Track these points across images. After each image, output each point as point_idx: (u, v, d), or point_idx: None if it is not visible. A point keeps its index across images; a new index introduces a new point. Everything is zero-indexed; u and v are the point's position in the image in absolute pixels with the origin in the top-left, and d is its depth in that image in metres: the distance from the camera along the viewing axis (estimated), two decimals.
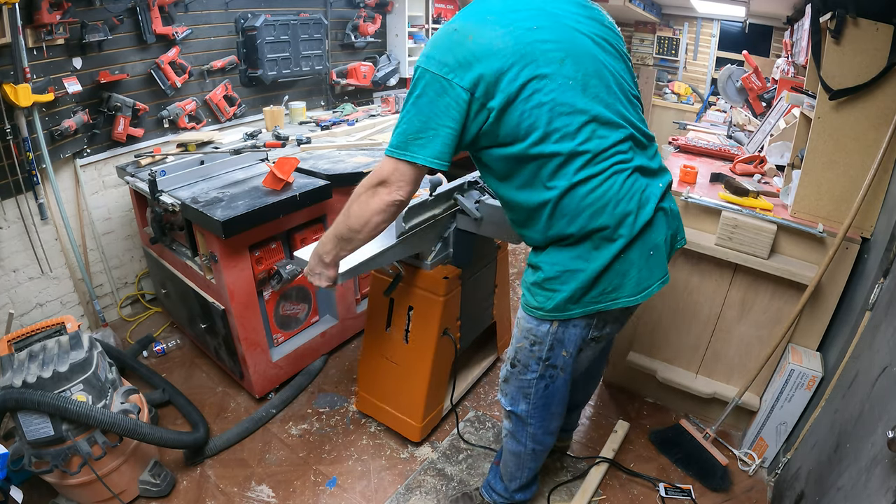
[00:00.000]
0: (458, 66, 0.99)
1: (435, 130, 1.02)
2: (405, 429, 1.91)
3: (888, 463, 0.97)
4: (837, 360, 1.55)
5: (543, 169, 1.06)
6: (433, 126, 1.02)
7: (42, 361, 1.43)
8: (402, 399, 1.88)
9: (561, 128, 1.02)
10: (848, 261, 1.65)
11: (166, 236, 2.20)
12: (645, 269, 1.12)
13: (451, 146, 1.04)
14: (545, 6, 1.07)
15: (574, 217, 1.07)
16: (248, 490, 1.76)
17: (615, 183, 1.06)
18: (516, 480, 1.53)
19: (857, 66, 1.51)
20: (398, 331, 1.78)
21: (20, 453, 1.44)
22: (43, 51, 2.05)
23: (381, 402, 1.95)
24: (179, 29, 2.55)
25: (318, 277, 1.30)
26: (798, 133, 1.91)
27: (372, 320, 1.86)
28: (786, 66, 3.01)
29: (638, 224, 1.08)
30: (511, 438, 1.44)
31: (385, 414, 1.95)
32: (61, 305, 2.41)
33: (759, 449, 1.86)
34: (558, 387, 1.31)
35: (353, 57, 3.70)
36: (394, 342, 1.81)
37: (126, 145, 2.52)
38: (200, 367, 2.37)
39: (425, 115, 1.02)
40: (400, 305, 1.76)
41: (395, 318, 1.78)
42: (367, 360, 1.92)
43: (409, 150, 1.04)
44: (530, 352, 1.25)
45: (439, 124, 1.02)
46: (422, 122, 1.03)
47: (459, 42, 1.00)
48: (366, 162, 2.29)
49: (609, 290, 1.12)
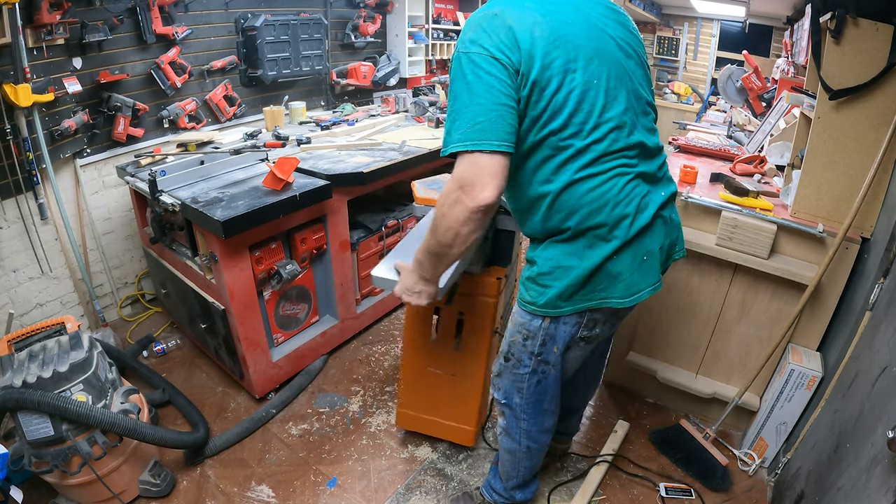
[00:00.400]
0: (504, 46, 0.99)
1: (497, 111, 0.97)
2: (458, 436, 1.86)
3: (888, 463, 0.97)
4: (837, 360, 1.55)
5: (551, 160, 1.06)
6: (493, 107, 0.97)
7: (42, 361, 1.43)
8: (454, 407, 1.82)
9: (578, 122, 1.03)
10: (848, 261, 1.65)
11: (166, 236, 2.20)
12: (637, 274, 1.13)
13: (515, 126, 1.00)
14: (578, 3, 1.08)
15: (571, 213, 1.08)
16: (248, 490, 1.76)
17: (616, 185, 1.07)
18: (513, 479, 1.53)
19: (857, 66, 1.51)
20: (447, 340, 1.72)
21: (20, 453, 1.44)
22: (43, 51, 2.05)
23: (428, 415, 1.86)
24: (179, 29, 2.55)
25: (418, 296, 1.23)
26: (798, 133, 1.91)
27: (414, 336, 1.76)
28: (786, 66, 3.01)
29: (634, 228, 1.09)
30: (506, 436, 1.45)
31: (433, 426, 1.88)
32: (61, 305, 2.41)
33: (759, 449, 1.86)
34: (550, 383, 1.31)
35: (353, 57, 3.70)
36: (442, 352, 1.73)
37: (126, 145, 2.52)
38: (200, 367, 2.37)
39: (482, 97, 0.97)
40: (448, 314, 1.68)
41: (442, 327, 1.71)
42: (411, 376, 1.82)
43: (481, 139, 0.96)
44: (523, 346, 1.25)
45: (498, 103, 0.98)
46: (480, 105, 0.97)
47: (502, 25, 1.00)
48: (366, 162, 2.29)
49: (599, 290, 1.13)
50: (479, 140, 0.96)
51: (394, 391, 2.23)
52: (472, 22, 1.04)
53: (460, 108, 0.99)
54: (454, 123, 1.00)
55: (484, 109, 0.97)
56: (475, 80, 0.98)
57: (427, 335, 1.74)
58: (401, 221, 2.66)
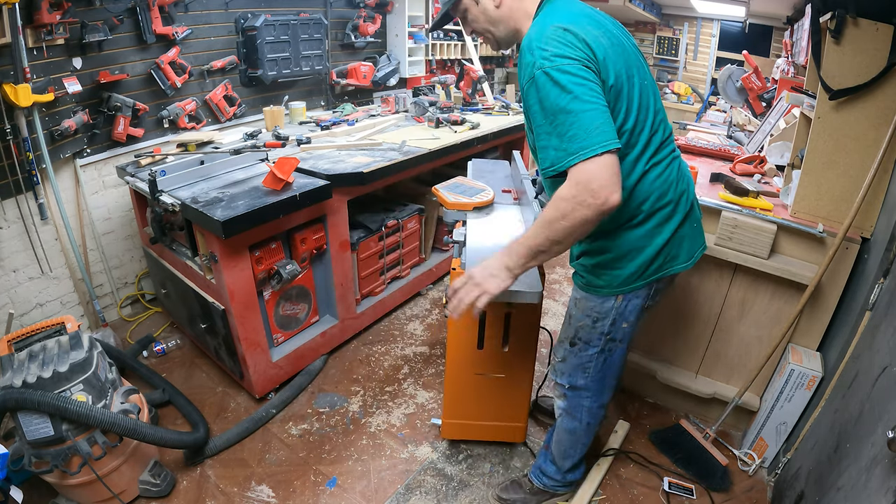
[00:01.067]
0: (586, 56, 1.05)
1: (606, 112, 1.03)
2: (508, 434, 1.87)
3: (888, 463, 0.97)
4: (837, 360, 1.55)
5: (627, 157, 1.15)
6: (604, 108, 1.03)
7: (42, 361, 1.43)
8: (504, 407, 1.81)
9: (642, 119, 1.15)
10: (848, 261, 1.65)
11: (166, 236, 2.20)
12: (693, 238, 1.31)
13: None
14: (604, 22, 1.19)
15: (645, 199, 1.19)
16: (248, 490, 1.76)
17: (673, 167, 1.24)
18: (569, 459, 1.62)
19: (857, 66, 1.51)
20: (494, 342, 1.68)
21: (20, 453, 1.44)
22: (43, 51, 2.05)
23: (477, 421, 1.84)
24: (179, 29, 2.55)
25: (488, 284, 1.14)
26: (798, 133, 1.91)
27: (458, 345, 1.70)
28: (786, 66, 3.01)
29: (689, 200, 1.28)
30: (566, 416, 1.54)
31: (482, 430, 1.87)
32: (61, 305, 2.41)
33: (759, 449, 1.86)
34: (615, 359, 1.41)
35: (353, 57, 3.70)
36: (488, 355, 1.70)
37: (126, 145, 2.52)
38: (200, 367, 2.37)
39: (593, 101, 1.02)
40: (494, 316, 1.64)
41: (487, 331, 1.67)
42: (457, 386, 1.77)
43: (605, 140, 0.99)
44: (592, 328, 1.34)
45: (604, 105, 1.04)
46: (595, 109, 1.01)
47: (576, 38, 1.06)
48: (366, 162, 2.29)
49: (668, 260, 1.26)
50: (604, 142, 0.99)
51: (394, 391, 2.23)
52: (544, 38, 1.07)
53: (571, 120, 1.00)
54: (568, 134, 1.01)
55: (599, 112, 1.01)
56: (578, 88, 1.01)
57: (473, 344, 1.68)
58: (401, 221, 2.66)
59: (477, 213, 1.80)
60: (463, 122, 3.01)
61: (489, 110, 3.53)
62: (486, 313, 1.64)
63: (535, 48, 1.06)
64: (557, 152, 1.03)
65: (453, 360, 1.73)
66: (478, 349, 1.69)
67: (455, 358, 1.73)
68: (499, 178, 2.21)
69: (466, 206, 1.79)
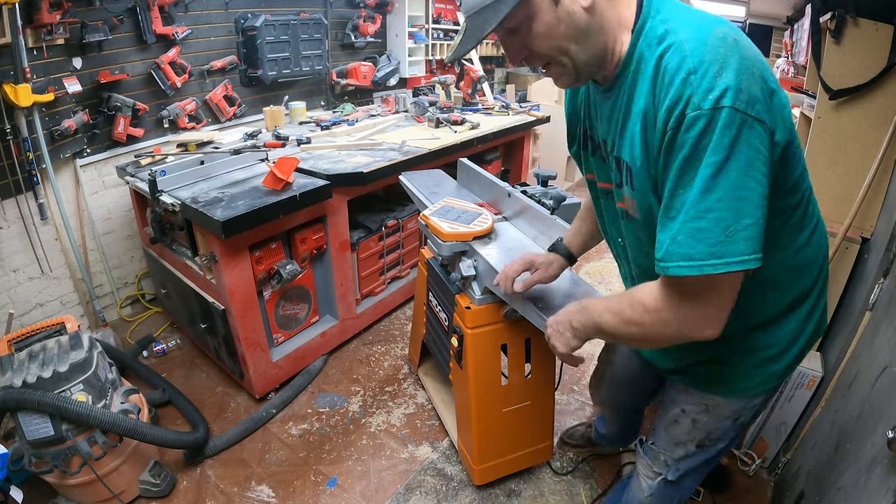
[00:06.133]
0: (767, 102, 0.69)
1: (762, 209, 0.70)
2: (537, 456, 1.78)
3: (888, 463, 0.97)
4: (837, 360, 1.55)
5: (793, 218, 0.88)
6: (761, 202, 0.70)
7: (42, 361, 1.43)
8: (530, 433, 1.73)
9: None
10: (848, 261, 1.65)
11: (166, 236, 2.20)
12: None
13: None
14: None
15: (811, 267, 0.94)
16: (248, 490, 1.76)
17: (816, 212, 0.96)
18: None
19: (857, 66, 1.51)
20: (516, 372, 1.62)
21: (20, 453, 1.44)
22: (43, 51, 2.05)
23: (508, 455, 1.73)
24: (179, 29, 2.55)
25: (559, 338, 1.00)
26: (798, 133, 1.91)
27: (481, 388, 1.59)
28: (786, 66, 3.02)
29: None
30: (653, 499, 1.26)
31: (514, 462, 1.76)
32: (61, 305, 2.41)
33: (759, 449, 1.86)
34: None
35: (353, 57, 3.70)
36: (512, 386, 1.63)
37: (126, 145, 2.52)
38: (200, 367, 2.37)
39: (751, 191, 0.69)
40: (515, 345, 1.58)
41: (509, 362, 1.61)
42: (487, 430, 1.65)
43: (747, 251, 0.69)
44: (732, 426, 1.09)
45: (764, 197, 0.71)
46: (747, 201, 0.68)
47: (763, 64, 0.70)
48: (366, 162, 2.29)
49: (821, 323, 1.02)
50: (748, 253, 0.69)
51: (394, 391, 2.23)
52: (752, 63, 0.68)
53: (740, 207, 0.69)
54: (702, 221, 0.69)
55: (752, 208, 0.69)
56: (736, 158, 0.67)
57: (497, 381, 1.59)
58: (401, 221, 2.66)
59: (478, 242, 1.55)
60: (463, 123, 3.01)
61: (489, 110, 3.53)
62: (507, 345, 1.58)
63: (741, 68, 0.66)
64: (702, 246, 0.69)
65: (481, 405, 1.60)
66: (502, 384, 1.60)
67: (482, 402, 1.60)
68: (450, 191, 2.03)
69: (466, 236, 1.53)
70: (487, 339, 1.55)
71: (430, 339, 1.99)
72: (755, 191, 0.68)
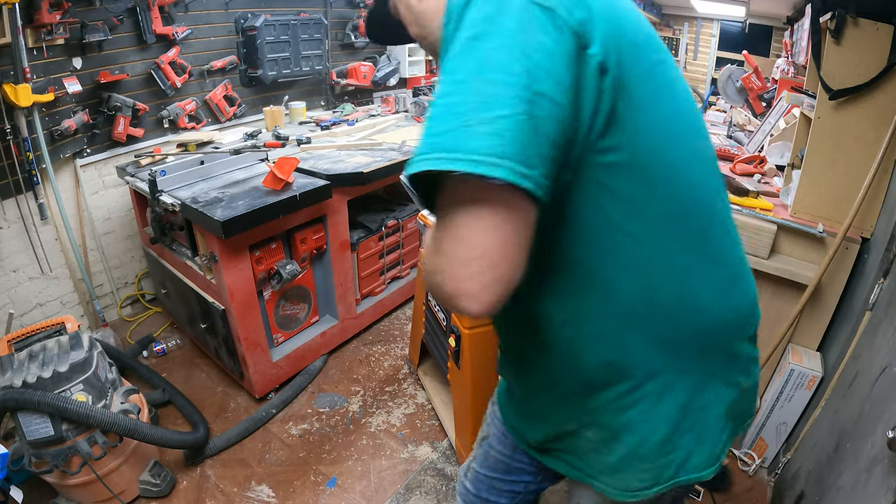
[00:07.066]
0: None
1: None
2: None
3: (888, 463, 0.97)
4: (837, 360, 1.55)
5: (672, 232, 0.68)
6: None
7: (42, 361, 1.43)
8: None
9: None
10: (848, 261, 1.65)
11: (166, 236, 2.20)
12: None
13: None
14: None
15: (683, 335, 0.69)
16: (248, 490, 1.76)
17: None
18: None
19: (857, 66, 1.51)
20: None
21: (20, 453, 1.44)
22: (43, 51, 2.05)
23: None
24: (179, 29, 2.55)
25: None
26: (798, 133, 1.91)
27: (481, 384, 1.59)
28: (786, 66, 3.01)
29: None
30: None
31: None
32: (61, 305, 2.41)
33: (759, 449, 1.86)
34: None
35: (353, 57, 3.70)
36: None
37: (126, 145, 2.52)
38: (200, 367, 2.37)
39: None
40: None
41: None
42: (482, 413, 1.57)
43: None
44: None
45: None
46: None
47: None
48: (366, 162, 2.29)
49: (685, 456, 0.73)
50: (478, 156, 0.50)
51: (394, 391, 2.23)
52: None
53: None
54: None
55: (512, 98, 0.53)
56: None
57: (496, 380, 1.56)
58: (401, 221, 2.66)
59: None
60: None
61: None
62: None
63: None
64: None
65: (478, 405, 1.56)
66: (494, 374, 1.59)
67: (479, 402, 1.57)
68: None
69: None
70: (485, 339, 1.55)
71: (429, 339, 2.00)
72: (524, 76, 0.49)
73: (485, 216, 0.48)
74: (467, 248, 0.48)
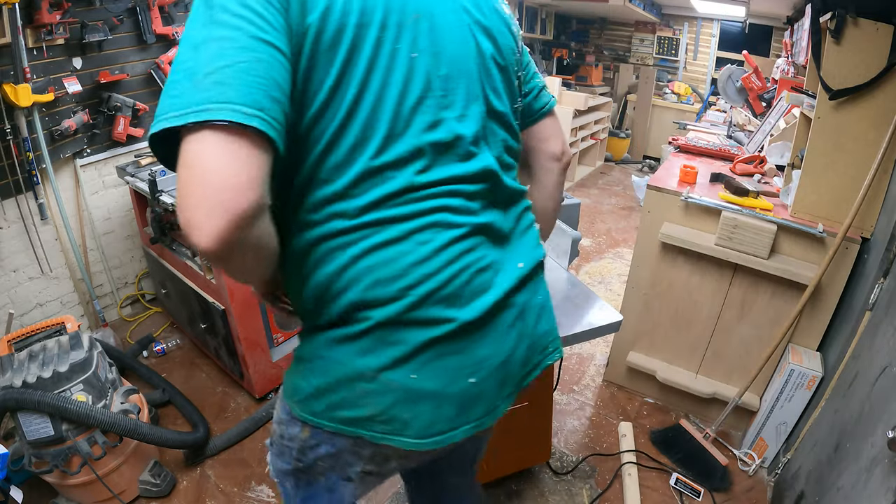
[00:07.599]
0: None
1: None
2: (537, 457, 1.78)
3: (888, 463, 0.97)
4: (837, 360, 1.56)
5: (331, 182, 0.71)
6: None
7: (42, 361, 1.43)
8: (529, 434, 1.69)
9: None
10: (848, 261, 1.65)
11: (166, 236, 2.20)
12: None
13: None
14: None
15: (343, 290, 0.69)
16: (248, 490, 1.76)
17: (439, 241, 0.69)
18: None
19: (857, 66, 1.51)
20: None
21: (20, 453, 1.44)
22: (43, 51, 2.05)
23: (507, 456, 1.67)
24: (179, 29, 2.55)
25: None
26: (798, 133, 1.91)
27: None
28: (786, 66, 3.01)
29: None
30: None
31: (513, 462, 1.74)
32: (61, 305, 2.41)
33: (759, 449, 1.86)
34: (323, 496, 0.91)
35: None
36: None
37: (126, 145, 2.52)
38: (200, 367, 2.37)
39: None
40: None
41: None
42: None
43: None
44: (288, 441, 0.87)
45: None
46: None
47: None
48: None
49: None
50: (204, 105, 0.57)
51: None
52: None
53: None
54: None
55: (232, 50, 0.61)
56: None
57: None
58: None
59: None
60: None
61: None
62: None
63: None
64: None
65: None
66: None
67: None
68: None
69: None
70: None
71: None
72: (236, 30, 0.55)
73: (206, 148, 0.52)
74: (191, 175, 0.52)
